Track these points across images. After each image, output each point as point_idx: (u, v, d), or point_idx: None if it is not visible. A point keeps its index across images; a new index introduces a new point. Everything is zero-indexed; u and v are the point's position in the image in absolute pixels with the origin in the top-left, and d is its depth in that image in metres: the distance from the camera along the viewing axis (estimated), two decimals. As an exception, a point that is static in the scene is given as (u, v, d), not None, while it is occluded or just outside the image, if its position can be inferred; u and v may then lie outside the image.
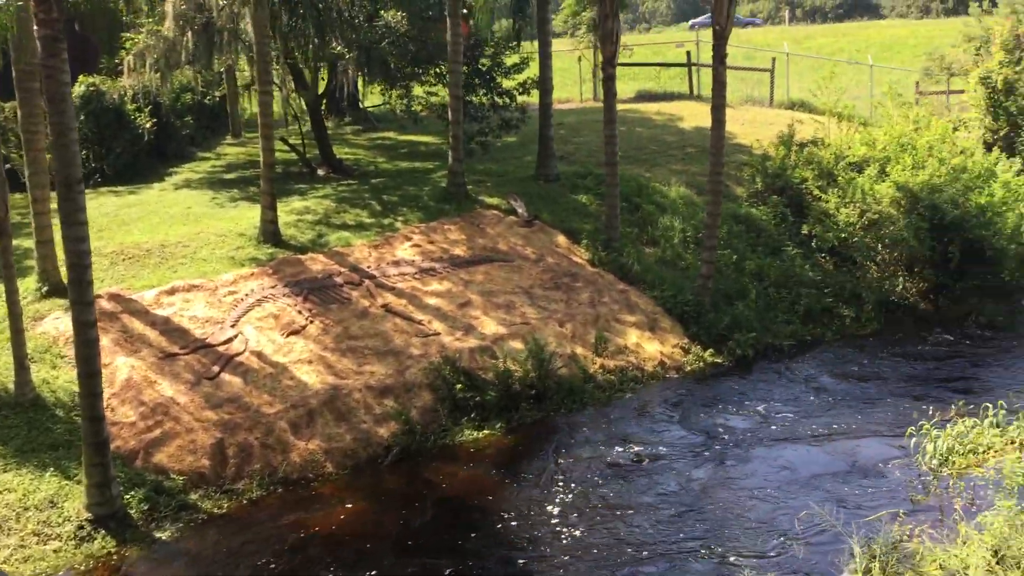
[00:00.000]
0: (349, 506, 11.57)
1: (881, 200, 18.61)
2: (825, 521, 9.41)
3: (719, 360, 15.96)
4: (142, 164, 23.57)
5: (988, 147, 22.77)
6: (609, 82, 18.30)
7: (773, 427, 13.44)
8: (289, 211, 18.51)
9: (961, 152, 20.50)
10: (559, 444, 13.18)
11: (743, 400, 14.45)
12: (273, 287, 15.36)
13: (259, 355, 13.86)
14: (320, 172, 22.95)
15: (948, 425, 11.93)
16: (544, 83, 21.25)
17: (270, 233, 17.01)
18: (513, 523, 11.07)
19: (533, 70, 23.06)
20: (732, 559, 9.84)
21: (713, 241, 17.01)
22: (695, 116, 29.32)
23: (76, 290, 10.25)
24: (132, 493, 11.21)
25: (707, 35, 34.62)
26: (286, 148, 23.56)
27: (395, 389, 13.70)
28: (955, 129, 23.35)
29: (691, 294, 16.88)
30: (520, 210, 19.07)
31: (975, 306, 17.74)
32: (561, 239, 18.59)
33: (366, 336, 14.68)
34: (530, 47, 25.31)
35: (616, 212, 18.38)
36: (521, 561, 10.30)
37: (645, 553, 10.20)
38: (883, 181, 19.30)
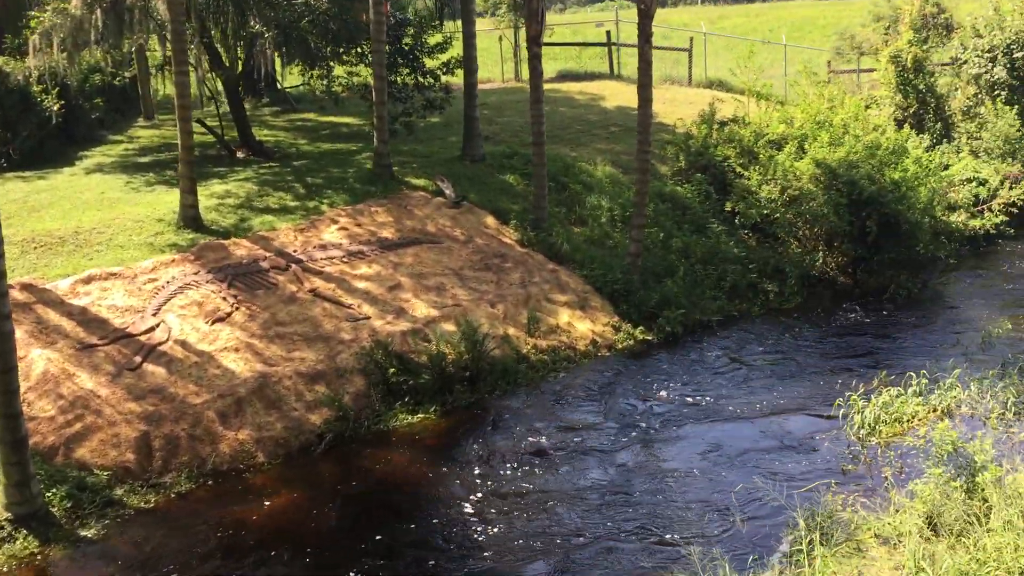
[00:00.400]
0: (282, 497, 11.33)
1: (801, 177, 18.96)
2: (765, 495, 9.56)
3: (649, 337, 16.09)
4: (50, 148, 22.63)
5: (899, 124, 23.44)
6: (535, 61, 18.20)
7: (702, 404, 13.60)
8: (209, 195, 17.98)
9: (874, 129, 21.00)
10: (493, 427, 13.13)
11: (672, 377, 14.59)
12: (196, 273, 14.90)
13: (183, 344, 13.44)
14: (239, 155, 22.36)
15: (873, 396, 12.23)
16: (468, 63, 21.04)
17: (190, 218, 16.49)
18: (447, 510, 10.97)
19: (456, 50, 22.83)
20: (673, 540, 9.91)
21: (641, 219, 17.12)
22: (617, 95, 29.48)
23: (-12, 281, 9.74)
24: (53, 491, 10.77)
25: (627, 15, 34.91)
26: (203, 130, 22.86)
27: (326, 375, 13.45)
28: (867, 107, 23.90)
29: (620, 272, 16.96)
30: (448, 191, 18.88)
31: (892, 279, 18.25)
32: (490, 220, 18.48)
33: (294, 322, 14.36)
34: (453, 26, 25.08)
35: (544, 192, 18.35)
36: (455, 549, 10.21)
37: (580, 539, 10.17)
38: (802, 158, 19.66)
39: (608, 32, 34.51)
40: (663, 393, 13.93)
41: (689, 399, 13.75)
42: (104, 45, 21.94)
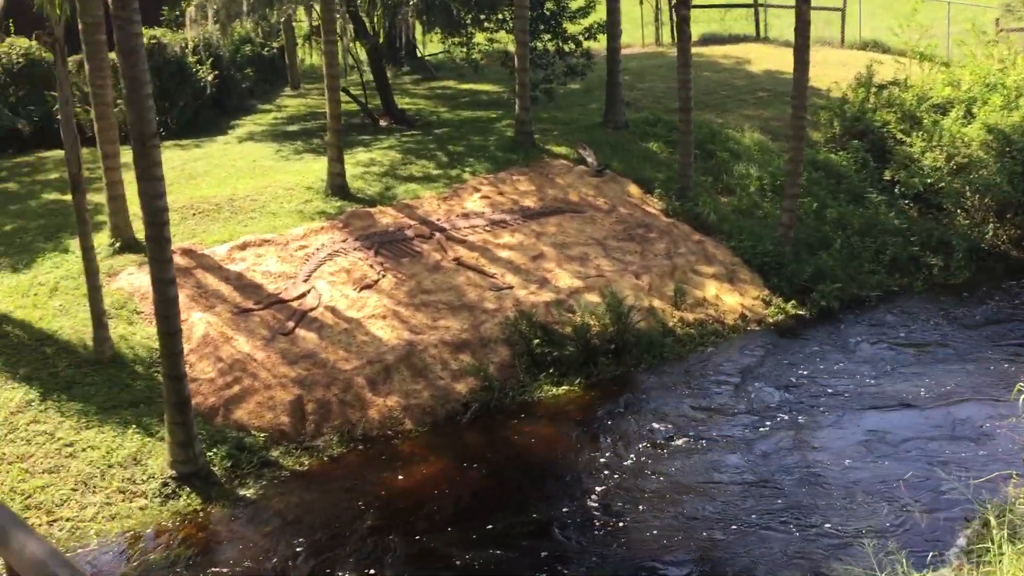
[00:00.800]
0: (429, 464, 11.39)
1: (970, 143, 17.73)
2: (937, 485, 8.95)
3: (802, 312, 15.40)
4: (204, 117, 23.46)
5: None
6: (683, 24, 17.61)
7: (859, 386, 12.91)
8: (355, 163, 18.22)
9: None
10: (638, 402, 12.83)
11: (826, 356, 13.91)
12: (344, 241, 15.12)
13: (333, 310, 13.66)
14: (382, 123, 22.59)
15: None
16: (612, 27, 20.52)
17: (338, 186, 16.74)
18: (588, 486, 10.77)
19: (599, 14, 22.35)
20: (836, 531, 9.43)
21: (795, 189, 16.35)
22: (764, 59, 28.33)
23: (154, 247, 10.06)
24: (215, 451, 11.13)
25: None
26: (347, 99, 23.19)
27: (471, 344, 13.42)
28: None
29: (771, 244, 16.28)
30: (590, 159, 18.54)
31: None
32: (633, 189, 18.05)
33: (439, 290, 14.39)
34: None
35: (690, 160, 17.77)
36: (595, 530, 10.01)
37: (733, 527, 9.82)
38: (970, 123, 18.39)
39: (755, -8, 33.14)
40: (816, 373, 13.29)
41: (845, 381, 13.08)
42: (254, 16, 22.45)
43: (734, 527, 9.78)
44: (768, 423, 12.02)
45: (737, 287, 15.72)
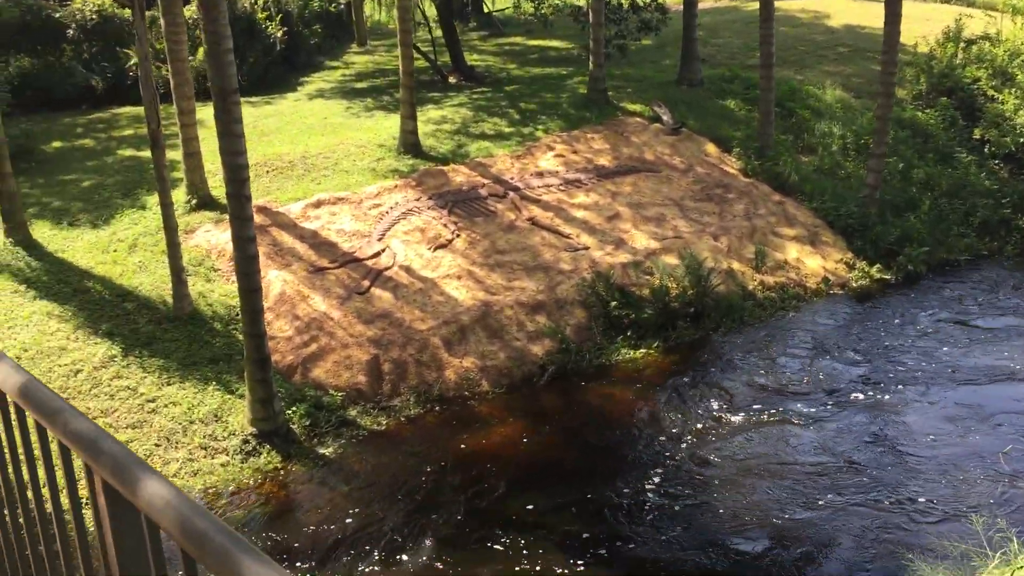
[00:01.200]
0: (506, 426, 11.26)
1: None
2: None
3: (887, 277, 14.88)
4: (273, 74, 23.43)
5: None
6: (768, -25, 16.92)
7: (948, 355, 12.45)
8: (426, 120, 18.02)
9: None
10: (717, 368, 12.54)
11: (914, 323, 13.44)
12: (417, 199, 14.98)
13: (407, 270, 13.56)
14: (451, 80, 22.32)
15: None
16: (689, -20, 19.92)
17: (410, 144, 16.57)
18: (669, 454, 10.57)
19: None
20: (935, 508, 9.09)
21: (882, 148, 15.73)
22: (843, 13, 27.35)
23: (235, 205, 9.99)
24: (294, 409, 11.14)
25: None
26: (416, 56, 22.94)
27: (547, 306, 13.22)
28: None
29: (855, 205, 15.73)
30: (665, 117, 18.07)
31: None
32: (710, 147, 17.57)
33: (513, 250, 14.19)
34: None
35: (771, 118, 17.21)
36: (668, 501, 9.81)
37: (819, 503, 9.54)
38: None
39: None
40: (901, 342, 12.84)
41: (931, 350, 12.61)
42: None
43: (819, 502, 9.50)
44: (851, 394, 11.64)
45: (819, 250, 15.23)
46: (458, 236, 14.28)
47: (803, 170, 16.86)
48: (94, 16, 22.04)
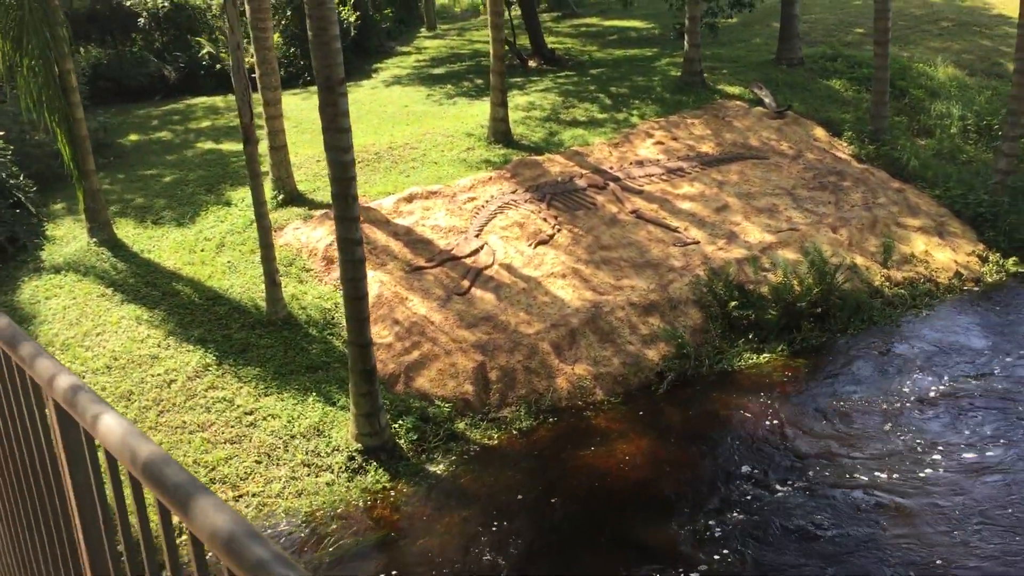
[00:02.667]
0: (629, 443, 10.37)
1: None
2: None
3: (1024, 271, 13.69)
4: (346, 61, 22.67)
5: None
6: (884, -56, 15.70)
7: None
8: (513, 107, 17.12)
9: None
10: (851, 375, 11.49)
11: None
12: (513, 192, 14.12)
13: (508, 268, 12.72)
14: (532, 64, 21.40)
15: None
16: (790, -48, 18.71)
17: (501, 132, 15.71)
18: (801, 476, 9.58)
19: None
20: None
21: (1017, 130, 14.48)
22: (939, -15, 25.85)
23: (340, 205, 9.23)
24: (400, 422, 10.38)
25: None
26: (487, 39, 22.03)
27: (659, 306, 12.29)
28: None
29: (984, 193, 14.51)
30: (767, 100, 16.97)
31: None
32: (819, 132, 16.44)
33: (619, 246, 13.27)
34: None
35: (885, 99, 16.03)
36: (816, 527, 8.84)
37: (978, 537, 8.52)
38: None
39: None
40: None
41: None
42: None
43: (978, 537, 8.48)
44: (1008, 408, 10.55)
45: (948, 242, 14.07)
46: (559, 231, 13.41)
47: (922, 155, 15.66)
48: (165, 4, 21.51)
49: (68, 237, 13.31)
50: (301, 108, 18.38)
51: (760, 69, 18.63)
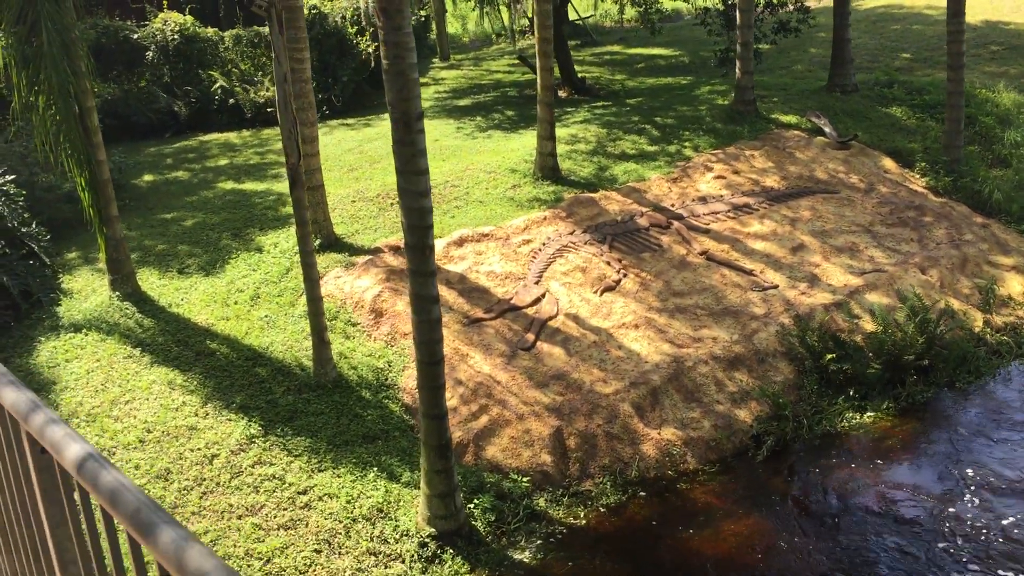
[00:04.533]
0: (737, 520, 9.14)
1: None
2: None
3: None
4: (364, 94, 21.65)
5: None
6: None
7: None
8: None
9: None
10: (969, 435, 10.28)
11: None
12: (571, 233, 12.96)
13: (575, 318, 11.51)
14: (562, 94, 20.32)
15: None
16: (842, -27, 17.74)
17: (549, 168, 14.57)
18: (929, 558, 8.36)
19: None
20: None
21: (1114, 161, 13.45)
22: (972, 8, 24.89)
23: (416, 258, 8.03)
24: (475, 501, 9.11)
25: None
26: (509, 67, 21.06)
27: (745, 360, 11.09)
28: None
29: (1080, 228, 13.45)
30: (828, 129, 15.90)
31: None
32: (888, 163, 15.37)
33: (692, 292, 12.10)
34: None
35: (959, 127, 15.00)
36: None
37: None
38: None
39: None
40: None
41: None
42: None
43: None
44: None
45: (1045, 282, 12.95)
46: (625, 276, 12.23)
47: (1003, 187, 14.58)
48: (175, 36, 20.38)
49: (87, 290, 12.05)
50: (326, 144, 17.22)
51: (813, 97, 17.60)
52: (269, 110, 19.82)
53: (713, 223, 13.43)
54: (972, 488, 9.31)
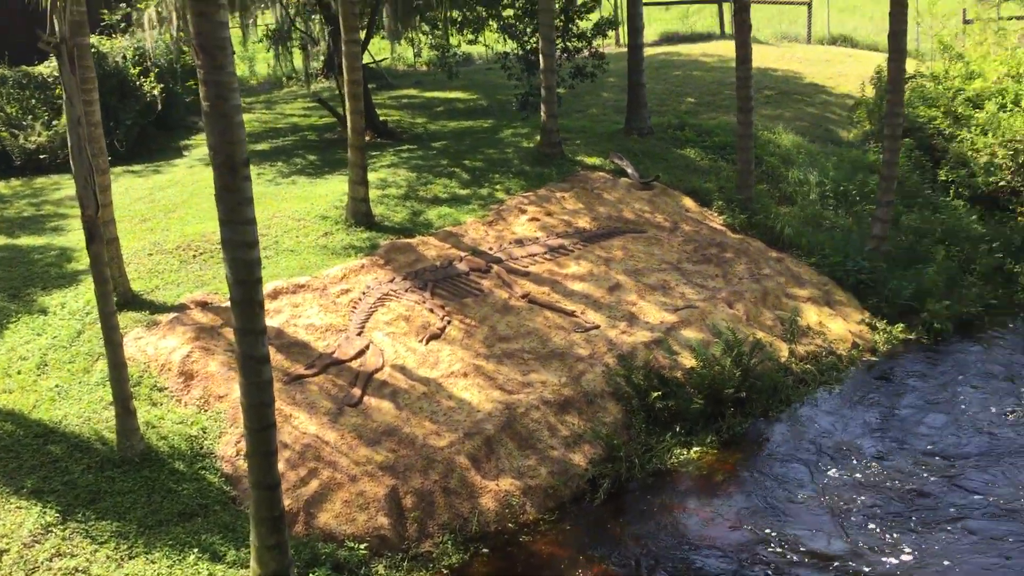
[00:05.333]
0: (584, 570, 8.98)
1: (1036, 138, 16.36)
2: None
3: (911, 337, 13.59)
4: (151, 138, 20.31)
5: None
6: (743, 13, 15.70)
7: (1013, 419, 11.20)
8: (365, 185, 15.56)
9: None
10: (787, 464, 10.67)
11: (978, 389, 12.11)
12: (391, 281, 12.55)
13: (402, 369, 11.09)
14: (365, 138, 19.86)
15: None
16: (634, 20, 18.48)
17: (362, 214, 14.11)
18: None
19: (605, 10, 20.29)
20: None
21: (889, 195, 14.60)
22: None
23: (244, 314, 7.38)
24: (311, 575, 8.45)
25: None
26: (305, 111, 20.45)
27: (575, 402, 11.07)
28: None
29: (863, 259, 14.46)
30: (630, 170, 16.40)
31: None
32: (688, 202, 16.00)
33: (518, 336, 11.98)
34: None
35: (750, 167, 15.85)
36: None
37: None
38: (1021, 115, 17.05)
39: (718, -12, 31.71)
40: (967, 416, 11.51)
41: (1005, 419, 11.31)
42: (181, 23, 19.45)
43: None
44: (948, 484, 10.10)
45: (837, 311, 13.82)
46: (449, 323, 11.95)
47: (793, 223, 15.52)
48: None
49: None
50: (113, 193, 15.91)
51: (613, 139, 18.14)
52: (42, 156, 18.18)
53: (532, 265, 13.43)
54: (789, 511, 9.65)
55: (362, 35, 20.56)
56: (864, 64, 23.55)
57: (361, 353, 11.20)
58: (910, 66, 20.47)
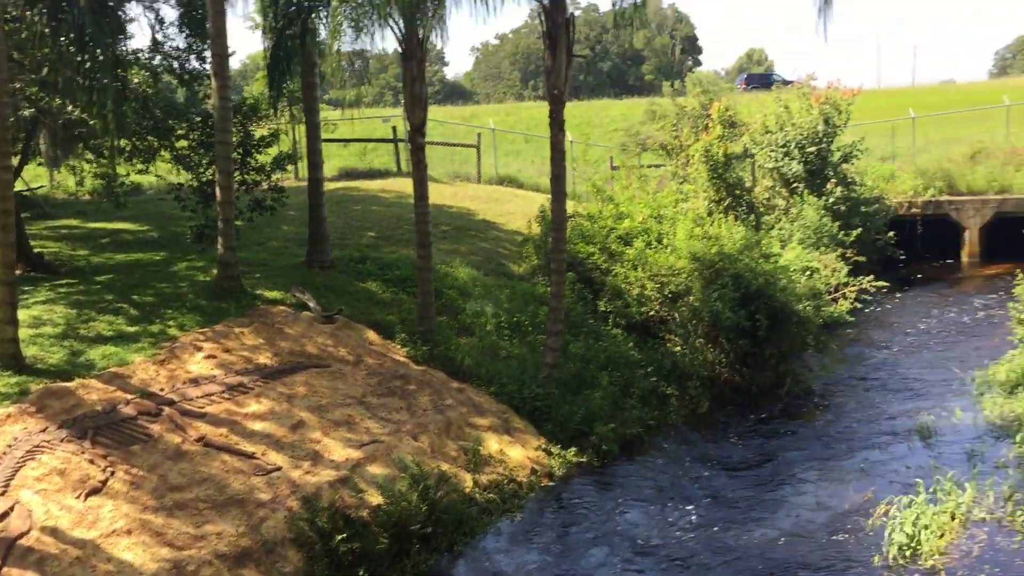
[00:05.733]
0: None
1: (679, 272, 18.39)
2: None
3: (583, 459, 14.38)
4: None
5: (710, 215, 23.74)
6: (419, 152, 16.38)
7: (679, 534, 12.15)
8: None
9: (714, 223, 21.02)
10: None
11: (646, 503, 12.98)
12: (43, 431, 11.29)
13: (53, 532, 9.89)
14: (16, 272, 18.08)
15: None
16: (314, 155, 18.67)
17: (9, 356, 12.69)
18: None
19: (284, 144, 20.34)
20: None
21: (558, 326, 15.58)
22: (423, 192, 27.98)
23: None
24: None
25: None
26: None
27: (254, 553, 10.43)
28: (681, 201, 24.01)
29: (537, 386, 15.21)
30: (312, 304, 16.25)
31: (784, 372, 18.01)
32: (371, 335, 16.06)
33: (192, 484, 11.18)
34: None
35: (431, 300, 16.31)
36: None
37: None
38: (664, 252, 19.13)
39: (394, 128, 33.07)
40: (636, 530, 12.32)
41: (678, 531, 12.22)
42: None
43: None
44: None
45: (516, 438, 14.35)
46: (112, 474, 10.91)
47: (472, 353, 16.06)
48: None
49: None
50: None
51: (294, 272, 17.93)
52: None
53: (208, 406, 12.70)
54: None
55: (15, 160, 18.99)
56: (530, 203, 25.52)
57: (4, 516, 9.86)
58: (569, 207, 22.42)
